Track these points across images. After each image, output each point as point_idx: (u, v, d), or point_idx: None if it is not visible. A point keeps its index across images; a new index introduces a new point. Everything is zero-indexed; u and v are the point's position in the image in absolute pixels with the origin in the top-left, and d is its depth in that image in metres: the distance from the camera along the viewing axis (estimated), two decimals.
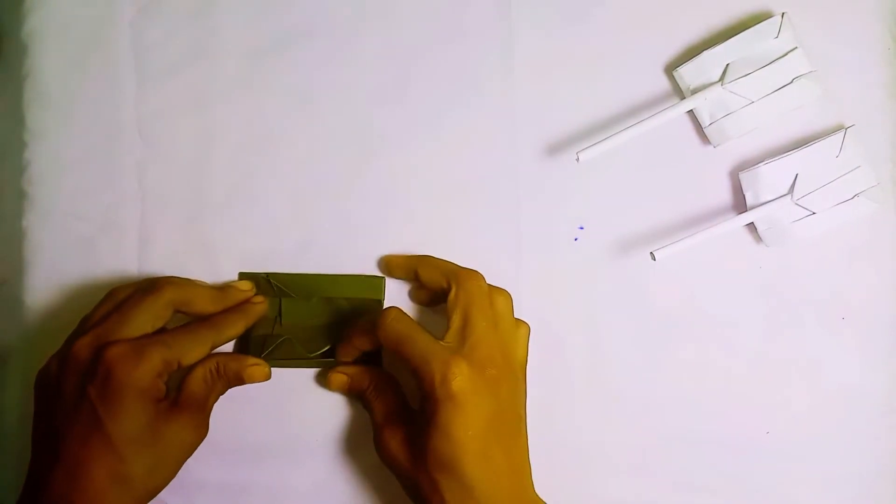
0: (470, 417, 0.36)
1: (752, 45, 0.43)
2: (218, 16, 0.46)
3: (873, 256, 0.45)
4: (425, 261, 0.43)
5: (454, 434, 0.36)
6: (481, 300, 0.40)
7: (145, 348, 0.37)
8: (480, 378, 0.37)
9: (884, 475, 0.45)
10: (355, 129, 0.45)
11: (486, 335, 0.38)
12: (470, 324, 0.39)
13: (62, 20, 0.45)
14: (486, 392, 0.37)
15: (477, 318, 0.39)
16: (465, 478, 0.36)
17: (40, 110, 0.45)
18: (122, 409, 0.37)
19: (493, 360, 0.38)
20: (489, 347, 0.38)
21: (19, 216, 0.45)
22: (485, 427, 0.37)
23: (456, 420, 0.36)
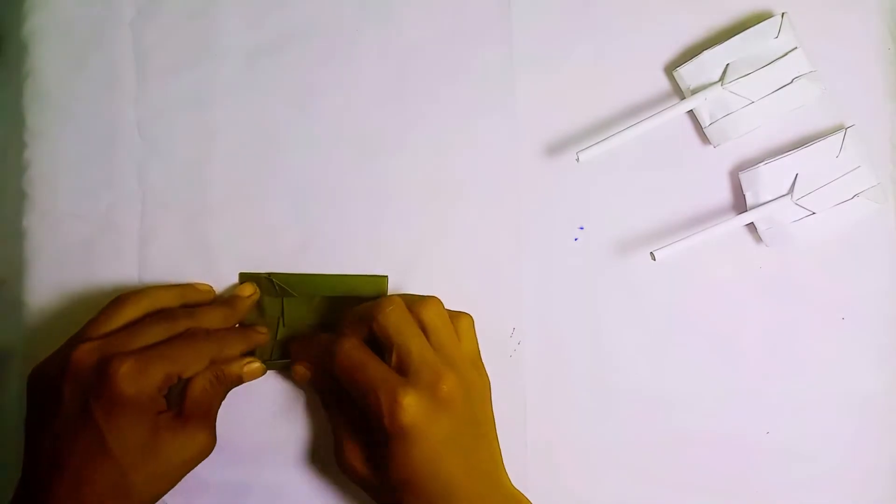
0: (425, 444, 0.37)
1: (752, 45, 0.43)
2: (218, 16, 0.46)
3: (873, 256, 0.45)
4: (345, 319, 0.42)
5: (410, 464, 0.36)
6: (403, 320, 0.39)
7: (149, 364, 0.37)
8: (432, 401, 0.37)
9: (884, 475, 0.45)
10: (355, 129, 0.45)
11: (424, 354, 0.38)
12: (404, 349, 0.38)
13: (62, 20, 0.45)
14: (440, 413, 0.37)
15: (407, 343, 0.38)
16: (427, 495, 0.37)
17: (40, 110, 0.45)
18: (126, 424, 0.37)
19: (441, 375, 0.37)
20: (432, 365, 0.38)
21: (19, 216, 0.45)
22: (443, 446, 0.37)
23: (411, 452, 0.36)
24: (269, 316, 0.44)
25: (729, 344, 0.45)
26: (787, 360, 0.45)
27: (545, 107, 0.45)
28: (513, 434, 0.44)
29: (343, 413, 0.41)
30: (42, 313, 0.44)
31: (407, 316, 0.39)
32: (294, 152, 0.45)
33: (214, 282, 0.45)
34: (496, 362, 0.43)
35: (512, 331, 0.45)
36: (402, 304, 0.40)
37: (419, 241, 0.45)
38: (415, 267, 0.45)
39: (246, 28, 0.46)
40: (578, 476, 0.45)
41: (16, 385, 0.45)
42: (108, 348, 0.37)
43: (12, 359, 0.45)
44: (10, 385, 0.45)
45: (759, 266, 0.45)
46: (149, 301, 0.41)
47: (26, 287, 0.44)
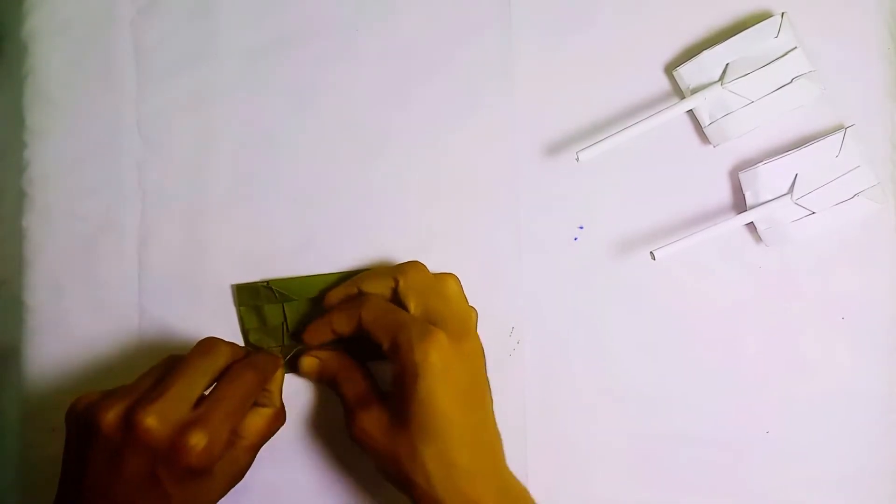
0: (450, 386, 0.37)
1: (751, 44, 0.43)
2: (218, 16, 0.46)
3: (873, 256, 0.45)
4: (363, 276, 0.42)
5: (437, 402, 0.37)
6: (429, 282, 0.40)
7: (217, 431, 0.36)
8: (457, 350, 0.38)
9: (884, 475, 0.45)
10: (355, 129, 0.45)
11: (448, 310, 0.39)
12: (430, 305, 0.39)
13: (62, 20, 0.45)
14: (462, 364, 0.38)
15: (433, 299, 0.40)
16: (448, 445, 0.37)
17: (40, 110, 0.45)
18: (196, 488, 0.37)
19: (465, 332, 0.39)
20: (456, 322, 0.39)
21: (19, 216, 0.45)
22: (463, 397, 0.38)
23: (439, 389, 0.37)
24: (271, 325, 0.44)
25: (729, 344, 0.45)
26: (787, 360, 0.45)
27: (545, 106, 0.45)
28: (512, 433, 0.44)
29: (355, 386, 0.41)
30: (42, 313, 0.44)
31: (431, 278, 0.40)
32: (294, 152, 0.45)
33: (214, 281, 0.45)
34: (495, 361, 0.43)
35: (511, 330, 0.45)
36: (426, 268, 0.41)
37: (419, 241, 0.45)
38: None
39: (246, 28, 0.46)
40: (578, 476, 0.45)
41: (16, 385, 0.44)
42: (171, 414, 0.36)
43: (12, 359, 0.45)
44: (10, 385, 0.45)
45: (759, 266, 0.45)
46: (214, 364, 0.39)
47: (26, 287, 0.44)
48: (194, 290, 0.45)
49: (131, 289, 0.45)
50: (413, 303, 0.40)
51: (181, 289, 0.45)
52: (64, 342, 0.44)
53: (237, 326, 0.45)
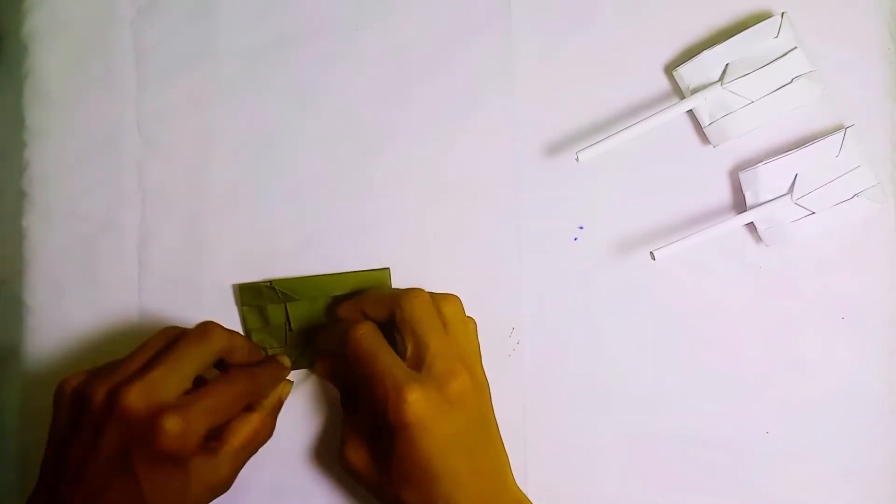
0: (430, 441, 0.36)
1: (751, 44, 0.43)
2: (218, 16, 0.46)
3: (873, 256, 0.45)
4: (366, 297, 0.42)
5: (413, 459, 0.36)
6: (427, 314, 0.39)
7: (195, 420, 0.36)
8: (441, 398, 0.37)
9: (884, 475, 0.45)
10: (355, 129, 0.45)
11: (441, 348, 0.38)
12: (423, 342, 0.38)
13: (62, 20, 0.45)
14: (449, 410, 0.37)
15: (428, 334, 0.38)
16: (429, 493, 0.36)
17: (40, 110, 0.45)
18: (165, 477, 0.36)
19: (454, 372, 0.38)
20: (447, 360, 0.38)
21: (19, 216, 0.45)
22: (449, 445, 0.37)
23: (414, 447, 0.36)
24: (273, 324, 0.44)
25: (729, 344, 0.45)
26: (787, 360, 0.45)
27: (545, 107, 0.45)
28: (512, 434, 0.44)
29: (351, 409, 0.41)
30: (42, 313, 0.44)
31: (431, 310, 0.39)
32: (294, 152, 0.45)
33: (214, 281, 0.45)
34: (495, 362, 0.43)
35: (511, 330, 0.45)
36: (428, 298, 0.40)
37: (419, 241, 0.45)
38: (415, 267, 0.45)
39: (246, 28, 0.46)
40: (578, 476, 0.45)
41: (16, 385, 0.45)
42: (152, 390, 0.36)
43: (12, 358, 0.45)
44: (10, 385, 0.45)
45: (759, 266, 0.45)
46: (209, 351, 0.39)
47: (26, 287, 0.44)
48: (194, 290, 0.45)
49: (131, 289, 0.45)
50: (408, 339, 0.39)
51: (181, 289, 0.45)
52: (64, 342, 0.44)
53: (238, 326, 0.45)
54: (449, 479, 0.36)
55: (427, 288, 0.44)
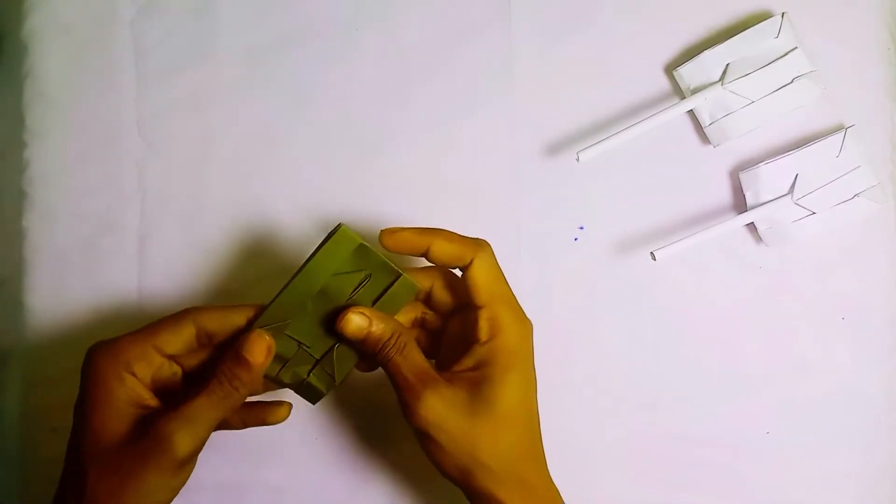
0: (532, 375, 0.38)
1: (752, 44, 0.43)
2: (218, 15, 0.46)
3: (873, 256, 0.45)
4: (436, 234, 0.37)
5: (526, 391, 0.37)
6: (498, 271, 0.39)
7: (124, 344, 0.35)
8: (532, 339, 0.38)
9: (884, 475, 0.45)
10: (355, 130, 0.45)
11: (514, 300, 0.39)
12: (496, 292, 0.38)
13: (62, 20, 0.45)
14: (533, 352, 0.38)
15: (501, 287, 0.39)
16: (526, 432, 0.37)
17: (40, 110, 0.45)
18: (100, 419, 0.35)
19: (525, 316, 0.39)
20: (519, 308, 0.39)
21: (19, 216, 0.45)
22: (534, 385, 0.38)
23: (529, 378, 0.37)
24: (291, 356, 0.38)
25: (729, 344, 0.45)
26: (788, 360, 0.45)
27: (545, 107, 0.45)
28: None
29: (415, 359, 0.37)
30: (42, 313, 0.44)
31: (497, 264, 0.39)
32: (293, 152, 0.45)
33: (214, 282, 0.45)
34: None
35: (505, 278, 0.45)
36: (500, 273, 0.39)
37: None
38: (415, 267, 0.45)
39: (246, 28, 0.46)
40: (578, 475, 0.45)
41: (16, 385, 0.45)
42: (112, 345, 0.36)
43: (12, 359, 0.45)
44: (10, 385, 0.45)
45: (759, 266, 0.45)
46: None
47: (26, 286, 0.44)
48: (193, 290, 0.45)
49: (131, 288, 0.45)
50: (485, 288, 0.38)
51: (181, 288, 0.45)
52: (63, 342, 0.44)
53: None
54: (535, 417, 0.38)
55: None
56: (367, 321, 0.37)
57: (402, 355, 0.37)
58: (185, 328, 0.36)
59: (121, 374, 0.35)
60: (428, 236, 0.37)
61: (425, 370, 0.37)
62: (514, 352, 0.37)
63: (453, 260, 0.37)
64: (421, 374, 0.36)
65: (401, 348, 0.37)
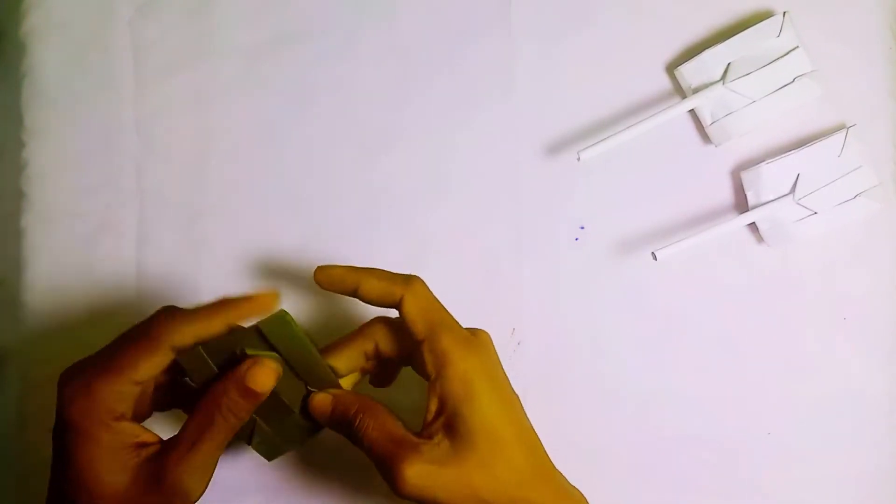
0: (497, 390, 0.36)
1: (753, 44, 0.43)
2: (217, 15, 0.46)
3: (875, 256, 0.45)
4: (364, 273, 0.37)
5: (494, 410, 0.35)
6: (432, 300, 0.37)
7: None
8: (490, 353, 0.37)
9: (884, 475, 0.45)
10: (355, 130, 0.45)
11: (452, 320, 0.37)
12: (434, 320, 0.36)
13: (61, 19, 0.45)
14: (496, 365, 0.37)
15: (437, 314, 0.36)
16: (514, 453, 0.35)
17: (39, 109, 0.45)
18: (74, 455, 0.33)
19: (471, 334, 0.37)
20: (460, 327, 0.37)
21: (18, 215, 0.45)
22: (507, 398, 0.36)
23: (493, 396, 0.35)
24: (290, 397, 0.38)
25: (730, 344, 0.45)
26: (788, 360, 0.45)
27: (545, 107, 0.45)
28: None
29: (385, 425, 0.36)
30: (41, 313, 0.44)
31: (431, 295, 0.37)
32: (294, 152, 0.45)
33: (214, 281, 0.45)
34: None
35: (512, 331, 0.45)
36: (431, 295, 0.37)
37: (419, 241, 0.45)
38: (415, 266, 0.45)
39: (245, 27, 0.46)
40: (578, 476, 0.45)
41: (15, 385, 0.44)
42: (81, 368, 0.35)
43: (11, 358, 0.45)
44: (9, 385, 0.45)
45: (761, 266, 0.45)
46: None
47: (25, 286, 0.44)
48: (194, 290, 0.45)
49: (130, 288, 0.45)
50: (419, 321, 0.36)
51: (179, 288, 0.45)
52: (62, 342, 0.44)
53: None
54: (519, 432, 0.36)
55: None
56: (330, 399, 0.37)
57: (373, 428, 0.36)
58: (162, 357, 0.34)
59: (107, 423, 0.33)
60: (357, 274, 0.37)
61: (399, 437, 0.35)
62: (468, 377, 0.35)
63: (383, 297, 0.36)
64: (396, 442, 0.35)
65: (370, 422, 0.36)
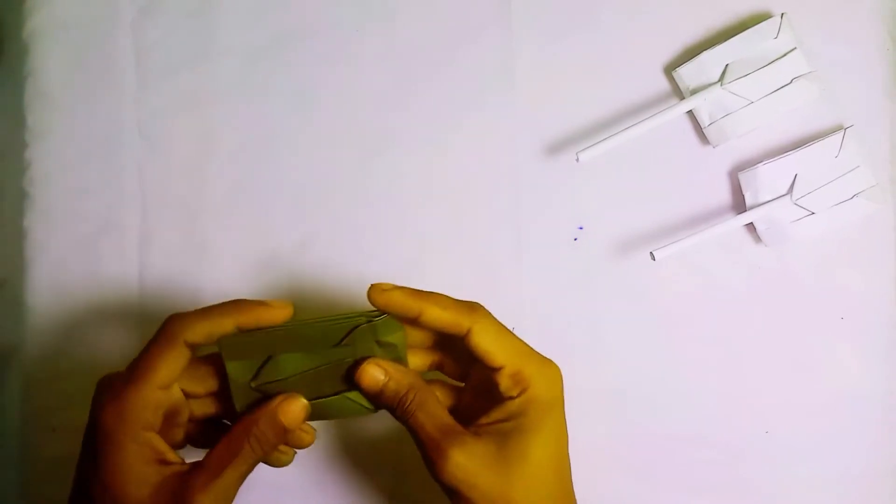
0: (563, 423, 0.37)
1: (751, 45, 0.43)
2: (218, 16, 0.46)
3: (872, 256, 0.45)
4: (429, 298, 0.35)
5: (561, 438, 0.37)
6: (503, 329, 0.37)
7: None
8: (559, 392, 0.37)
9: (884, 475, 0.45)
10: (355, 130, 0.45)
11: (529, 349, 0.37)
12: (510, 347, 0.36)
13: (63, 20, 0.45)
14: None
15: (512, 340, 0.37)
16: (562, 482, 0.37)
17: (41, 110, 0.45)
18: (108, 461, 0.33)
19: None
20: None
21: (20, 216, 0.45)
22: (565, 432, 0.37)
23: (562, 424, 0.37)
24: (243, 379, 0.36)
25: (728, 343, 0.45)
26: (786, 360, 0.45)
27: (545, 107, 0.45)
28: None
29: (436, 412, 0.35)
30: (43, 313, 0.45)
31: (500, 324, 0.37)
32: (294, 152, 0.45)
33: (214, 282, 0.45)
34: None
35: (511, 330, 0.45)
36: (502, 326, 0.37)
37: (419, 241, 0.45)
38: (415, 267, 0.45)
39: (246, 28, 0.46)
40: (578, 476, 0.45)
41: (16, 385, 0.45)
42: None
43: (12, 358, 0.45)
44: (10, 385, 0.45)
45: (759, 266, 0.45)
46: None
47: (27, 287, 0.45)
48: (194, 290, 0.45)
49: (132, 288, 0.45)
50: (496, 351, 0.36)
51: (181, 289, 0.45)
52: (64, 342, 0.44)
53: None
54: (567, 465, 0.38)
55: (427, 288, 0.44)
56: (383, 373, 0.35)
57: (423, 410, 0.35)
58: (179, 354, 0.34)
59: (135, 432, 0.33)
60: (420, 301, 0.35)
61: (449, 425, 0.35)
62: (546, 403, 0.36)
63: (448, 328, 0.35)
64: (445, 429, 0.35)
65: (421, 403, 0.35)
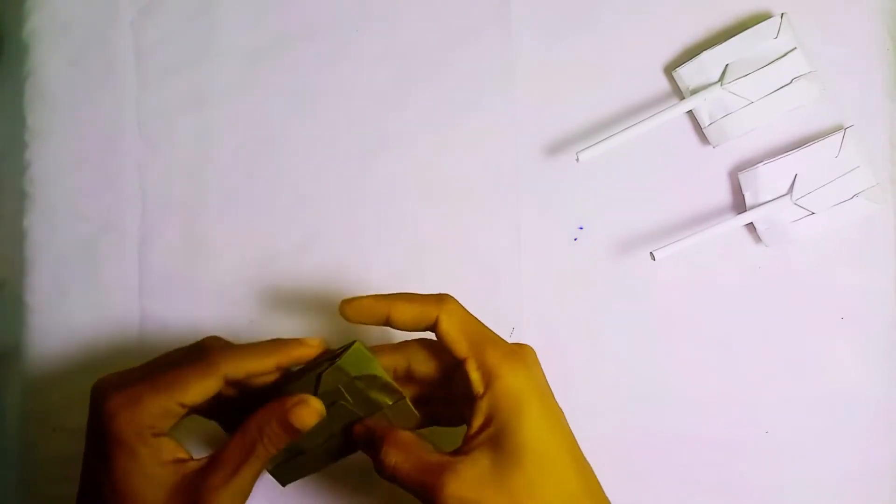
0: (548, 407, 0.36)
1: (751, 45, 0.43)
2: (218, 16, 0.46)
3: (872, 256, 0.45)
4: (395, 298, 0.36)
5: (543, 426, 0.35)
6: (469, 316, 0.37)
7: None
8: (537, 366, 0.37)
9: (883, 475, 0.45)
10: (355, 130, 0.45)
11: (494, 335, 0.37)
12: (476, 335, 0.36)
13: (63, 20, 0.45)
14: (543, 379, 0.37)
15: (477, 327, 0.36)
16: (564, 472, 0.35)
17: (41, 110, 0.45)
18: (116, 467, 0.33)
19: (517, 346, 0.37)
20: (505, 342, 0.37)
21: (20, 216, 0.45)
22: (557, 415, 0.36)
23: (542, 411, 0.35)
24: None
25: (728, 344, 0.45)
26: (787, 360, 0.45)
27: (545, 107, 0.45)
28: None
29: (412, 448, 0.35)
30: (43, 313, 0.45)
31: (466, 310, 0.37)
32: (294, 152, 0.45)
33: (214, 281, 0.45)
34: None
35: (511, 331, 0.45)
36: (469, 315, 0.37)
37: (419, 241, 0.45)
38: (414, 266, 0.45)
39: (246, 28, 0.46)
40: None
41: (16, 385, 0.45)
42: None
43: (12, 358, 0.45)
44: (10, 385, 0.45)
45: (759, 266, 0.45)
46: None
47: (27, 286, 0.45)
48: (194, 290, 0.45)
49: (132, 288, 0.45)
50: (460, 339, 0.36)
51: (181, 289, 0.45)
52: (64, 342, 0.44)
53: (237, 326, 0.45)
54: (572, 451, 0.36)
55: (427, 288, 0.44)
56: (363, 430, 0.37)
57: (397, 447, 0.35)
58: (214, 384, 0.34)
59: (148, 437, 0.33)
60: (386, 302, 0.36)
61: (431, 462, 0.34)
62: (517, 391, 0.34)
63: (417, 321, 0.36)
64: (430, 466, 0.34)
65: (393, 455, 0.35)
